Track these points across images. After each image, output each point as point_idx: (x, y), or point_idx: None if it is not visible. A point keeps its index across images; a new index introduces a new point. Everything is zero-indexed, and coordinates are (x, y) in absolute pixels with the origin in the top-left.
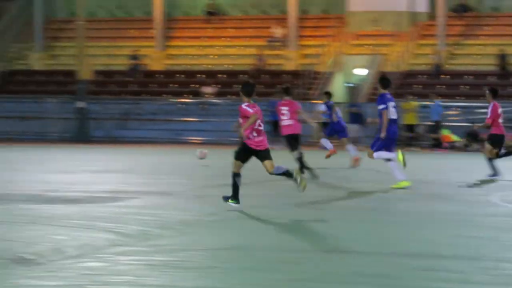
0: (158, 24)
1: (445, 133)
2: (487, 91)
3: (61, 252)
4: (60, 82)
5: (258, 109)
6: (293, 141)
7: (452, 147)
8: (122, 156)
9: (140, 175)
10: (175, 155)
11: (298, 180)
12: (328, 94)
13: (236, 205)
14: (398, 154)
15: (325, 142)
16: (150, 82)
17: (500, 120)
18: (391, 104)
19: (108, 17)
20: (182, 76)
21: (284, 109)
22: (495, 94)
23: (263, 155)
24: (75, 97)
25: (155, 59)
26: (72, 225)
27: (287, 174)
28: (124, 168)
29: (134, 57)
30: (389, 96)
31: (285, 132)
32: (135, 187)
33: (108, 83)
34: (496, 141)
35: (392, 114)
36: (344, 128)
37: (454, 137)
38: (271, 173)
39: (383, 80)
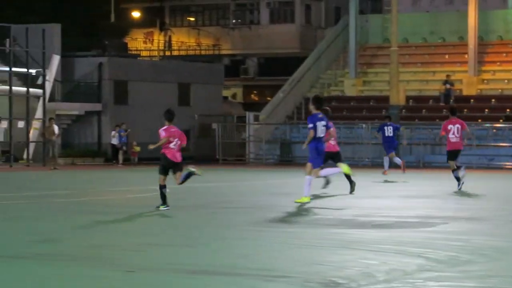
0: (472, 49)
1: None
2: None
3: (371, 277)
4: (372, 108)
5: (173, 132)
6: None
7: None
8: (433, 181)
9: (450, 200)
10: (487, 181)
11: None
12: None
13: (166, 208)
14: (344, 167)
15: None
16: (463, 107)
17: (451, 136)
18: (322, 123)
19: (421, 43)
20: (494, 101)
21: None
22: (453, 112)
23: (179, 167)
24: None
25: (468, 84)
26: (382, 250)
27: (188, 176)
28: (435, 193)
29: (447, 82)
30: (320, 116)
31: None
32: (444, 212)
33: (420, 109)
34: (450, 155)
35: (321, 132)
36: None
37: None
38: (179, 184)
39: (316, 100)
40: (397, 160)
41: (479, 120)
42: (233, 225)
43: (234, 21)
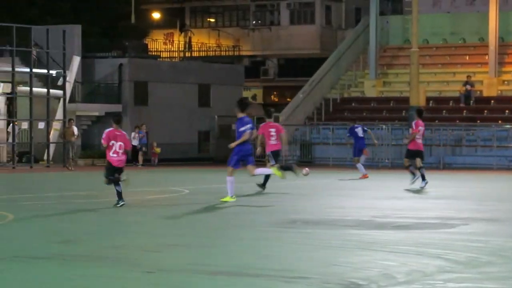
0: (492, 50)
1: None
2: None
3: (390, 278)
4: (392, 109)
5: (117, 135)
6: None
7: None
8: (453, 182)
9: (470, 201)
10: (507, 182)
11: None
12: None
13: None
14: (275, 170)
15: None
16: (483, 109)
17: (418, 137)
18: (249, 126)
19: (441, 44)
20: None
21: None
22: (419, 114)
23: (121, 172)
24: (407, 123)
25: (489, 85)
26: (401, 251)
27: (116, 179)
28: (454, 194)
29: (467, 83)
30: (246, 119)
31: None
32: (464, 213)
33: (441, 110)
34: (411, 155)
35: (250, 136)
36: None
37: None
38: (106, 183)
39: (242, 104)
40: (361, 167)
41: (500, 122)
42: (253, 226)
43: (254, 22)
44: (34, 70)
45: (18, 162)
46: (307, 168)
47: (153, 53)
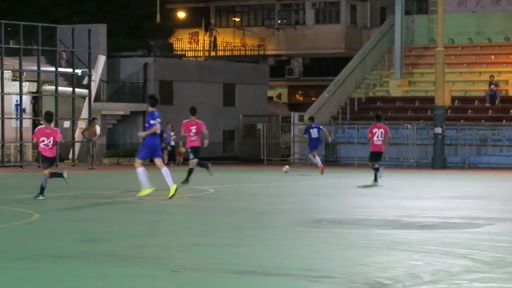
0: None
1: None
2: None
3: (416, 277)
4: (417, 109)
5: (48, 132)
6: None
7: None
8: (478, 182)
9: (495, 201)
10: None
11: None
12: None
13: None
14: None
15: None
16: (509, 108)
17: (375, 138)
18: (158, 120)
19: (466, 43)
20: None
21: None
22: (378, 118)
23: (52, 162)
24: (433, 123)
25: None
26: (427, 251)
27: (57, 175)
28: (480, 194)
29: (492, 83)
30: (156, 113)
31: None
32: (490, 213)
33: (466, 109)
34: (372, 156)
35: (158, 129)
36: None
37: None
38: (46, 175)
39: (151, 99)
40: (318, 160)
41: None
42: (278, 226)
43: (279, 21)
44: (60, 69)
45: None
46: (287, 166)
47: (178, 53)
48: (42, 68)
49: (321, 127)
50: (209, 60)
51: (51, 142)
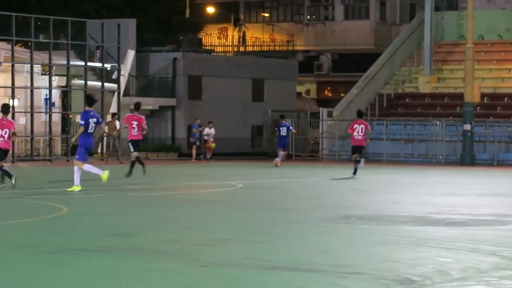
0: None
1: None
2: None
3: (445, 274)
4: (447, 105)
5: (5, 123)
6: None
7: None
8: (507, 179)
9: None
10: None
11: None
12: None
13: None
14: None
15: None
16: None
17: (356, 134)
18: (93, 120)
19: (496, 40)
20: None
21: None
22: (359, 115)
23: (6, 154)
24: (462, 120)
25: None
26: (456, 248)
27: (8, 174)
28: (509, 191)
29: None
30: (92, 113)
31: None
32: None
33: (495, 106)
34: (353, 150)
35: (91, 128)
36: None
37: None
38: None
39: (88, 98)
40: (280, 155)
41: None
42: (307, 221)
43: (308, 17)
44: (89, 63)
45: (72, 155)
46: (277, 159)
47: (207, 48)
48: (71, 62)
49: (290, 127)
50: (238, 56)
51: (6, 134)
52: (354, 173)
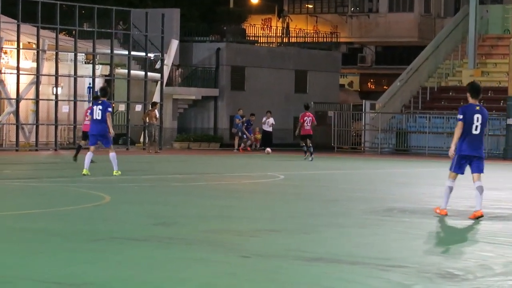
0: None
1: None
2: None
3: (488, 269)
4: (490, 99)
5: None
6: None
7: None
8: None
9: None
10: None
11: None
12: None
13: None
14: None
15: None
16: None
17: (305, 124)
18: (98, 107)
19: None
20: None
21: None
22: (306, 108)
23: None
24: (505, 114)
25: None
26: (498, 242)
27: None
28: None
29: None
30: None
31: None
32: None
33: None
34: (302, 137)
35: (97, 115)
36: None
37: None
38: None
39: (101, 90)
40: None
41: None
42: (350, 214)
43: (352, 9)
44: (133, 53)
45: (114, 144)
46: (268, 149)
47: (251, 38)
48: (115, 52)
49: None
50: (282, 47)
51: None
52: (311, 154)
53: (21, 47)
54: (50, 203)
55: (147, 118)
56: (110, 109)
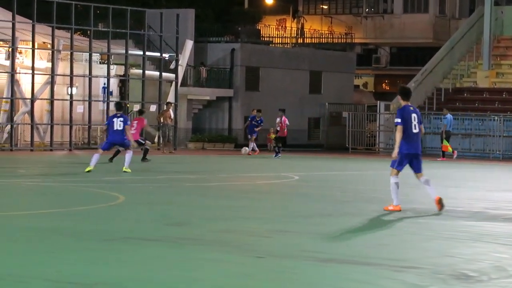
0: None
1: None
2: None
3: (502, 270)
4: (505, 100)
5: None
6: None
7: None
8: None
9: None
10: None
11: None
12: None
13: None
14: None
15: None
16: None
17: (278, 129)
18: (119, 119)
19: None
20: None
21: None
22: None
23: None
24: None
25: None
26: None
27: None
28: None
29: None
30: (119, 115)
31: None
32: None
33: None
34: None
35: (118, 126)
36: None
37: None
38: None
39: (117, 104)
40: (253, 145)
41: None
42: (364, 214)
43: (367, 10)
44: (148, 53)
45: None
46: (245, 147)
47: (265, 39)
48: (130, 52)
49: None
50: (296, 47)
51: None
52: (278, 152)
53: (36, 47)
54: (65, 203)
55: (162, 119)
56: (129, 122)
